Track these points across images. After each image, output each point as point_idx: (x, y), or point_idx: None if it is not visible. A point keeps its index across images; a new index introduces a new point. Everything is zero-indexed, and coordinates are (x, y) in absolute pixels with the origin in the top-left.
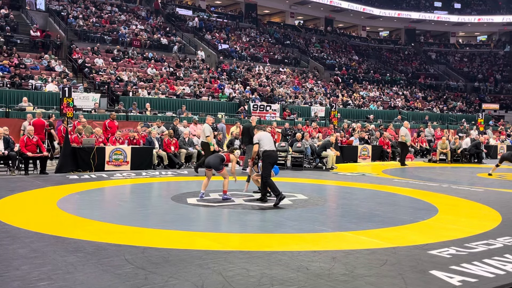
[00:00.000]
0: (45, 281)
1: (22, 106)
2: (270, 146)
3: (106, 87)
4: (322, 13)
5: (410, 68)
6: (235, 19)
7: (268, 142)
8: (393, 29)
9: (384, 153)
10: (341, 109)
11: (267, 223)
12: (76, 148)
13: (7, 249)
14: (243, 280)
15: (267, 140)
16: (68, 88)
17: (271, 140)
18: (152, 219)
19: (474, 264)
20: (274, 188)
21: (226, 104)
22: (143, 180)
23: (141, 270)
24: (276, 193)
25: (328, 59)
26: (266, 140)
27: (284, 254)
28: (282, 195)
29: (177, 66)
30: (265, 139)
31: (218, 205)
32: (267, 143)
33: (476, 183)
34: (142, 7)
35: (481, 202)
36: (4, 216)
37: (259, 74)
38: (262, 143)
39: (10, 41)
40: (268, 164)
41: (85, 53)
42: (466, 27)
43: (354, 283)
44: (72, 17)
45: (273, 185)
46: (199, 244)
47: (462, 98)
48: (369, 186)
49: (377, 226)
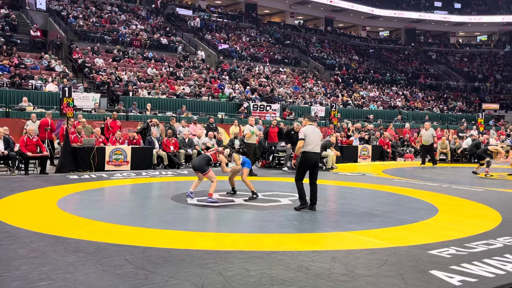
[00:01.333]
0: (45, 281)
1: (22, 106)
2: (315, 146)
3: (106, 87)
4: (322, 13)
5: (410, 68)
6: (235, 19)
7: (314, 140)
8: (393, 29)
9: (384, 153)
10: (341, 109)
11: (267, 223)
12: (76, 148)
13: (7, 249)
14: (243, 280)
15: (313, 138)
16: (68, 88)
17: (319, 137)
18: (152, 219)
19: (474, 264)
20: (301, 193)
21: (226, 104)
22: (143, 180)
23: (141, 270)
24: (302, 200)
25: (328, 59)
26: (313, 137)
27: (284, 254)
28: (307, 205)
29: (177, 66)
30: (312, 136)
31: (218, 205)
32: (312, 141)
33: (476, 183)
34: (142, 7)
35: (481, 202)
36: (4, 216)
37: (259, 74)
38: (307, 141)
39: (10, 41)
40: (303, 167)
41: (85, 53)
42: (466, 27)
43: (354, 283)
44: (72, 17)
45: (301, 191)
46: (199, 244)
47: (462, 98)
48: (369, 186)
49: (377, 226)
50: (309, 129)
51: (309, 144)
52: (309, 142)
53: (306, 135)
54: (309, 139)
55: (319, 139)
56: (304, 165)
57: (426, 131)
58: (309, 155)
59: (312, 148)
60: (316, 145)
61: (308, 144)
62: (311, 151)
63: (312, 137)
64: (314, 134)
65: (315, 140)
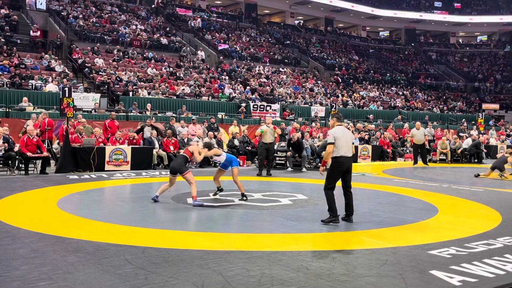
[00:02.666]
0: (45, 281)
1: (22, 106)
2: (347, 150)
3: (106, 87)
4: (322, 13)
5: (410, 68)
6: (235, 19)
7: (345, 143)
8: (393, 29)
9: (384, 153)
10: (341, 109)
11: (267, 223)
12: (76, 148)
13: (7, 249)
14: (243, 280)
15: (344, 141)
16: (68, 88)
17: (351, 140)
18: (152, 219)
19: (474, 264)
20: (331, 204)
21: (226, 104)
22: (143, 180)
23: (141, 270)
24: (332, 212)
25: (328, 59)
26: (343, 140)
27: (284, 254)
28: (337, 218)
29: (177, 66)
30: (343, 138)
31: (218, 205)
32: (344, 145)
33: (476, 183)
34: (142, 7)
35: (481, 202)
36: (4, 216)
37: (259, 74)
38: (337, 144)
39: (10, 41)
40: (335, 174)
41: (85, 53)
42: (466, 27)
43: (354, 283)
44: (72, 17)
45: (331, 202)
46: (199, 244)
47: (462, 98)
48: (369, 186)
49: (377, 226)
50: (339, 131)
51: (340, 148)
52: (340, 146)
53: (336, 138)
54: (339, 142)
55: (350, 142)
56: (336, 172)
57: (418, 130)
58: (341, 160)
59: (345, 153)
60: (348, 149)
61: (339, 148)
62: (344, 155)
63: (342, 140)
64: (345, 136)
65: (347, 143)
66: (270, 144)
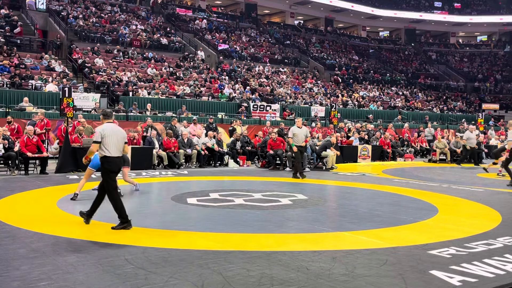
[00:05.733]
0: (45, 281)
1: (22, 106)
2: (116, 150)
3: (106, 87)
4: (322, 13)
5: (410, 68)
6: (235, 19)
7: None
8: (393, 29)
9: (384, 153)
10: (341, 109)
11: (267, 223)
12: (76, 148)
13: (7, 249)
14: (243, 280)
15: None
16: (68, 88)
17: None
18: (152, 219)
19: (474, 264)
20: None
21: (226, 104)
22: (143, 180)
23: (141, 270)
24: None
25: (328, 59)
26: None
27: (284, 254)
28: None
29: (177, 66)
30: (113, 136)
31: (218, 205)
32: (115, 143)
33: (476, 183)
34: (142, 7)
35: (481, 202)
36: (4, 216)
37: (259, 74)
38: (105, 143)
39: (10, 41)
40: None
41: (85, 53)
42: (466, 27)
43: (354, 283)
44: (72, 17)
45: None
46: (199, 244)
47: (462, 98)
48: (369, 186)
49: (377, 226)
50: (109, 128)
51: (109, 147)
52: (109, 145)
53: (104, 136)
54: (108, 140)
55: (122, 141)
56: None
57: (471, 133)
58: (110, 160)
59: (114, 153)
60: (117, 148)
61: (108, 147)
62: (113, 155)
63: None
64: (115, 135)
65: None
66: (302, 147)
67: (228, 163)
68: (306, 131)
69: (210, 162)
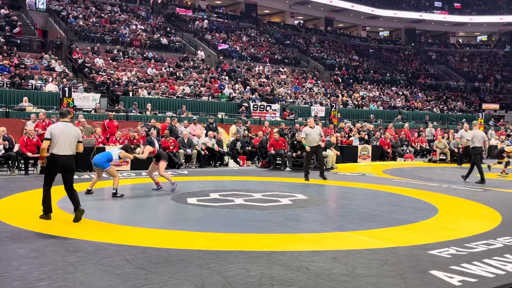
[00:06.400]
0: (45, 281)
1: (22, 106)
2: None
3: (106, 87)
4: (322, 13)
5: (410, 68)
6: (235, 19)
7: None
8: (393, 29)
9: (384, 153)
10: (341, 109)
11: (267, 223)
12: None
13: (7, 249)
14: (243, 280)
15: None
16: (68, 88)
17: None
18: (152, 219)
19: (474, 264)
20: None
21: (226, 104)
22: (143, 180)
23: (141, 270)
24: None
25: (328, 59)
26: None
27: (284, 254)
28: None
29: (177, 66)
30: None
31: (218, 205)
32: (62, 142)
33: (476, 183)
34: (142, 7)
35: (481, 202)
36: (4, 216)
37: (259, 74)
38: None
39: (10, 41)
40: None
41: (85, 53)
42: (466, 27)
43: (354, 283)
44: (72, 17)
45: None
46: (199, 244)
47: (462, 98)
48: (369, 186)
49: (377, 226)
50: (58, 127)
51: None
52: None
53: (53, 135)
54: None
55: (73, 140)
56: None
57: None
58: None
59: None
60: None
61: (56, 145)
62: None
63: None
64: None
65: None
66: (316, 147)
67: (228, 163)
68: (319, 131)
69: (210, 162)
